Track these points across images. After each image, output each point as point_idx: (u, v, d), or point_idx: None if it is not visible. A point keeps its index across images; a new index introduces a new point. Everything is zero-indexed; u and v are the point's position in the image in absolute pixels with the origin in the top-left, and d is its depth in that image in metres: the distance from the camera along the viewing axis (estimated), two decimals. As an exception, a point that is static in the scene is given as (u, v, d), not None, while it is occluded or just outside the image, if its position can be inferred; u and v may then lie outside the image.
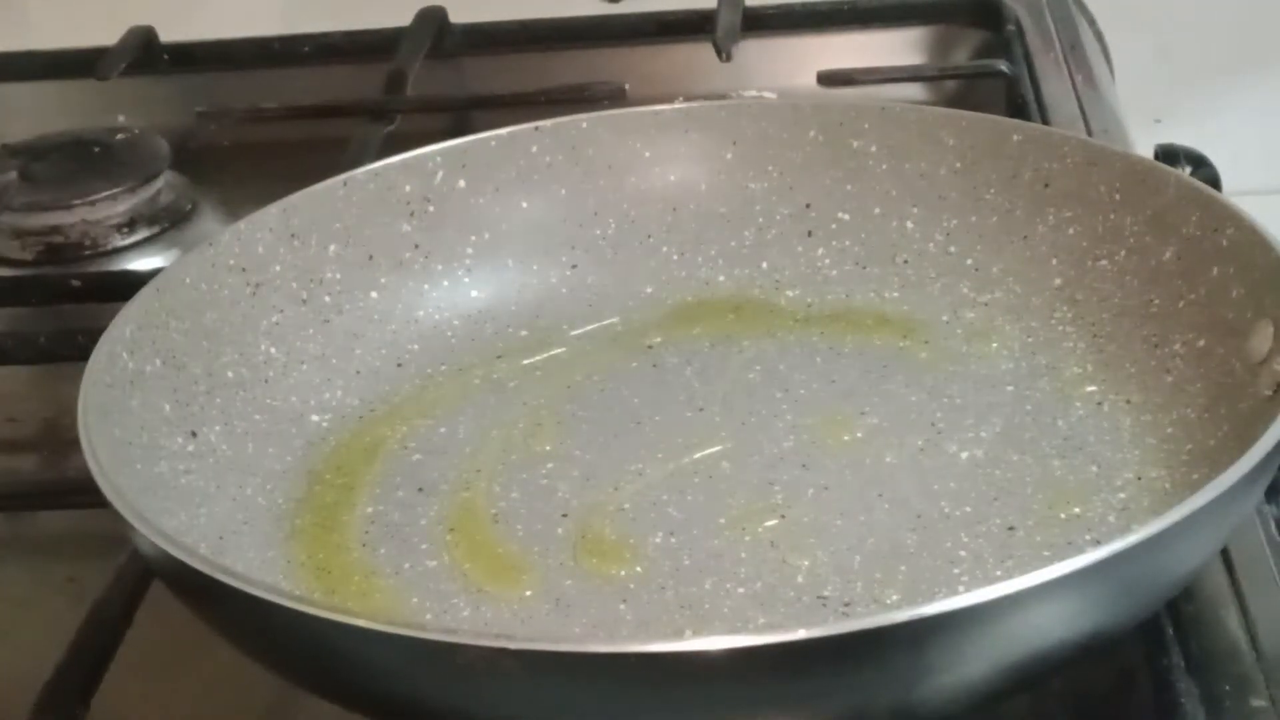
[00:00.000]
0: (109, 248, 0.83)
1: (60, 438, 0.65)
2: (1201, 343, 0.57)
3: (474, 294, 0.66)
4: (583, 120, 0.67)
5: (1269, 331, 0.53)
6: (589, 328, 0.65)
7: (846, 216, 0.66)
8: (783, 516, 0.54)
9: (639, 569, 0.53)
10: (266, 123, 0.91)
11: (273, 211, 0.62)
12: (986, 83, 0.87)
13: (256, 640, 0.47)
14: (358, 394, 0.62)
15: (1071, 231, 0.62)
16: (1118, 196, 0.61)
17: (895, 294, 0.65)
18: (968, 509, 0.54)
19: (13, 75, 0.99)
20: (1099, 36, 0.97)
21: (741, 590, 0.51)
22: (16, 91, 0.99)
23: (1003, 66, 0.86)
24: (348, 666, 0.44)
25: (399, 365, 0.63)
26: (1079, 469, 0.55)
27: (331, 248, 0.64)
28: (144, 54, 0.96)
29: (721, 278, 0.67)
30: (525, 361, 0.63)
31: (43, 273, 0.81)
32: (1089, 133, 0.80)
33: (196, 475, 0.56)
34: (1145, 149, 0.82)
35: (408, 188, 0.65)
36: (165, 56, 0.98)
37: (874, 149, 0.66)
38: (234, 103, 0.94)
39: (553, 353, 0.64)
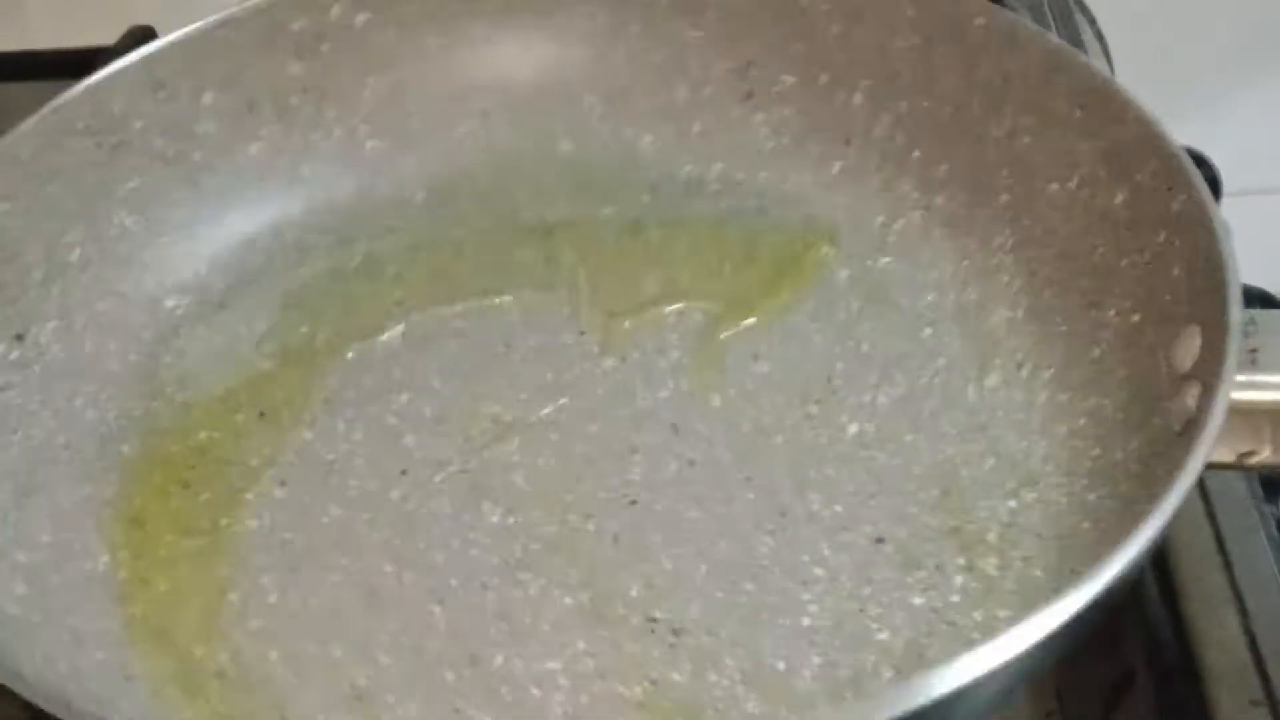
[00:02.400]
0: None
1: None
2: (1135, 318, 0.50)
3: (369, 144, 0.59)
4: (503, -50, 0.60)
5: (1195, 343, 0.47)
6: (490, 193, 0.59)
7: (790, 79, 0.59)
8: (634, 500, 0.49)
9: (470, 555, 0.48)
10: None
11: (134, 61, 0.56)
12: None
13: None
14: (222, 275, 0.56)
15: (1026, 141, 0.55)
16: (1078, 114, 0.53)
17: (833, 178, 0.58)
18: (838, 508, 0.49)
19: (11, 75, 0.92)
20: (1099, 36, 0.89)
21: (569, 600, 0.47)
22: (15, 91, 0.91)
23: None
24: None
25: (275, 234, 0.58)
26: (974, 460, 0.50)
27: (206, 96, 0.57)
28: None
29: (648, 138, 0.60)
30: (410, 242, 0.58)
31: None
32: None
33: (17, 390, 0.51)
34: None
35: (297, 25, 0.58)
36: None
37: (826, 8, 0.58)
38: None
39: (443, 231, 0.58)
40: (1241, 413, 0.45)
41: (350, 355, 0.54)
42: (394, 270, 0.57)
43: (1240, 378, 0.45)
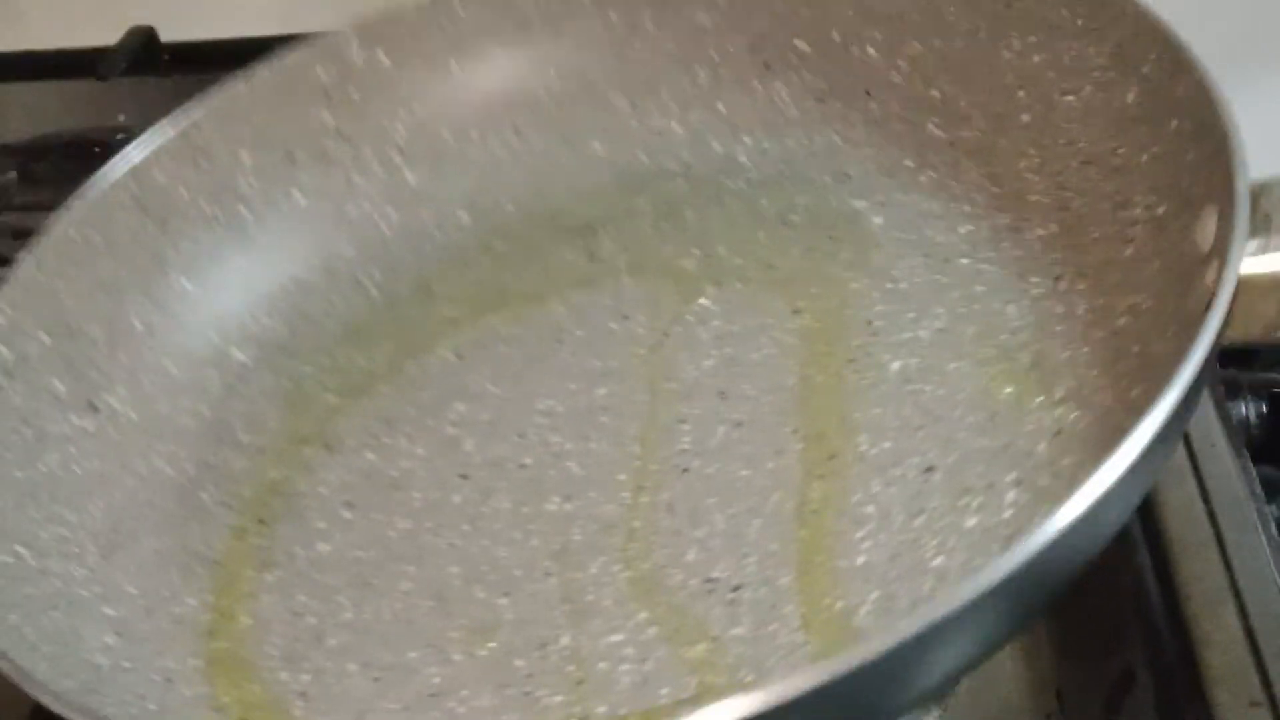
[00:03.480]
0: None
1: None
2: (1161, 210, 0.50)
3: (409, 176, 0.61)
4: (512, -30, 0.61)
5: (1212, 223, 0.46)
6: (531, 206, 0.60)
7: (804, 45, 0.60)
8: (686, 469, 0.50)
9: (531, 545, 0.49)
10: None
11: (167, 132, 0.58)
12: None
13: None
14: (283, 319, 0.58)
15: (1037, 60, 0.55)
16: (1080, 23, 0.53)
17: (859, 133, 0.58)
18: (886, 445, 0.49)
19: (13, 75, 0.96)
20: None
21: (627, 575, 0.48)
22: (16, 91, 0.96)
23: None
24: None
25: (329, 274, 0.59)
26: (1019, 376, 0.50)
27: (244, 155, 0.59)
28: (145, 54, 0.93)
29: (675, 125, 0.61)
30: (457, 260, 0.59)
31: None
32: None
33: (95, 458, 0.53)
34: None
35: (321, 73, 0.60)
36: (166, 56, 0.94)
37: (827, -35, 0.59)
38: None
39: (487, 245, 0.59)
40: (1258, 286, 0.45)
41: (407, 373, 0.55)
42: (444, 290, 0.58)
43: (1254, 242, 0.44)
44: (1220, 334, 0.42)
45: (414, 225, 0.60)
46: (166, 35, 0.94)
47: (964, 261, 0.54)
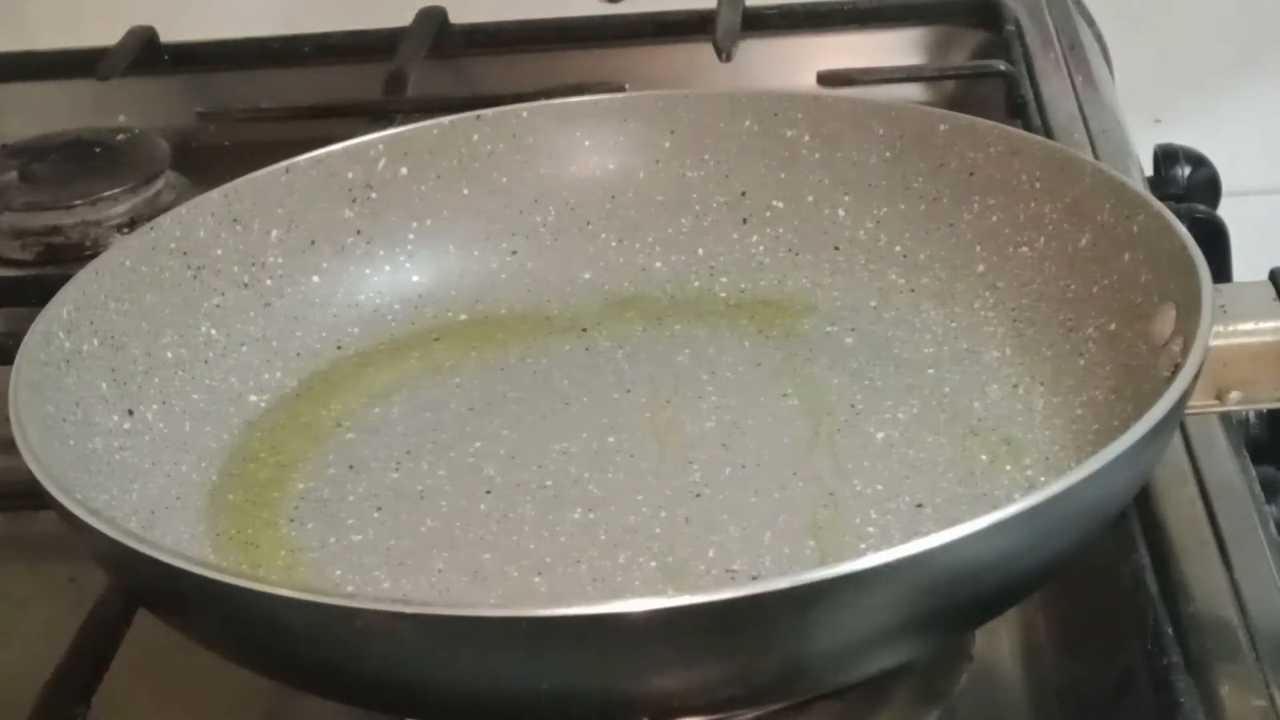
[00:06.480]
0: (109, 248, 0.83)
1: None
2: (1112, 326, 0.58)
3: (415, 279, 0.67)
4: (523, 110, 0.69)
5: (1171, 315, 0.55)
6: (526, 313, 0.66)
7: (780, 204, 0.68)
8: (699, 495, 0.55)
9: (560, 541, 0.54)
10: (267, 123, 0.92)
11: (214, 197, 0.64)
12: (986, 83, 0.88)
13: (177, 610, 0.48)
14: (296, 375, 0.63)
15: (995, 219, 0.63)
16: (1038, 185, 0.62)
17: (827, 280, 0.66)
18: (879, 487, 0.55)
19: (13, 75, 0.99)
20: (1098, 37, 0.98)
21: (654, 564, 0.53)
22: (17, 91, 0.99)
23: (1002, 67, 0.87)
24: (255, 632, 0.45)
25: (339, 348, 0.65)
26: (990, 449, 0.57)
27: (274, 233, 0.65)
28: (145, 54, 0.97)
29: (659, 264, 0.68)
30: (461, 345, 0.65)
31: (43, 273, 0.80)
32: (1088, 133, 0.82)
33: (131, 452, 0.57)
34: (1145, 149, 0.84)
35: (350, 174, 0.67)
36: (166, 57, 0.99)
37: (807, 138, 0.68)
38: (234, 103, 0.95)
39: (490, 336, 0.65)
40: (1218, 357, 0.53)
41: (423, 419, 0.61)
42: (450, 364, 0.64)
43: (1216, 327, 0.53)
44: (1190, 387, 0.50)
45: (418, 318, 0.66)
46: (166, 35, 0.97)
47: (930, 371, 0.61)
